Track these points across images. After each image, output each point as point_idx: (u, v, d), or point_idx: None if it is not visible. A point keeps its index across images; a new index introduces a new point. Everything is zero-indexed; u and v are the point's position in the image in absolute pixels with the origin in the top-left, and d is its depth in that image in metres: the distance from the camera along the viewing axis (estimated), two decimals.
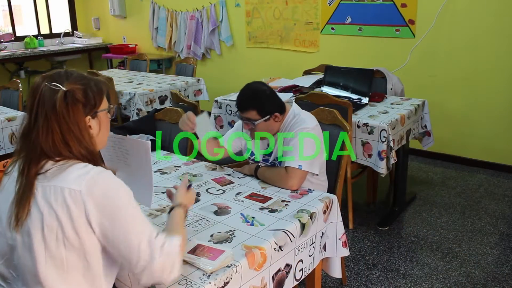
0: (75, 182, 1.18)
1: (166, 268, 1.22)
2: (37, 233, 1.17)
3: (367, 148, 2.95)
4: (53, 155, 1.23)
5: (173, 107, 2.73)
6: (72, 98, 1.24)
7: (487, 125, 4.09)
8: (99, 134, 1.34)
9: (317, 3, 4.89)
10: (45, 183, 1.19)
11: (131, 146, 1.57)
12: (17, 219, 1.18)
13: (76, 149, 1.24)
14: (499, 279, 2.58)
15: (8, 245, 1.25)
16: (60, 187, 1.18)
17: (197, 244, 1.48)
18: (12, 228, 1.20)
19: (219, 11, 5.74)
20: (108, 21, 7.20)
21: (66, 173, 1.20)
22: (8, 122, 3.28)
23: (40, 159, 1.22)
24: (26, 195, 1.19)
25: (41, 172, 1.21)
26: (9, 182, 1.27)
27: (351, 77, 3.43)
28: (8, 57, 6.22)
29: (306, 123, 2.08)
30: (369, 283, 2.58)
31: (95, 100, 1.30)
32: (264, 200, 1.86)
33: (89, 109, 1.29)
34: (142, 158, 1.53)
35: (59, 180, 1.19)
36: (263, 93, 2.09)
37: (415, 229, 3.15)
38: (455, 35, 4.09)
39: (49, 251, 1.18)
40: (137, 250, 1.20)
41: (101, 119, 1.33)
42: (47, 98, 1.23)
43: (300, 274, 1.74)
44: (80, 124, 1.26)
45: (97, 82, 1.33)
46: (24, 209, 1.18)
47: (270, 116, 2.07)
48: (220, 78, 5.95)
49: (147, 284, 1.26)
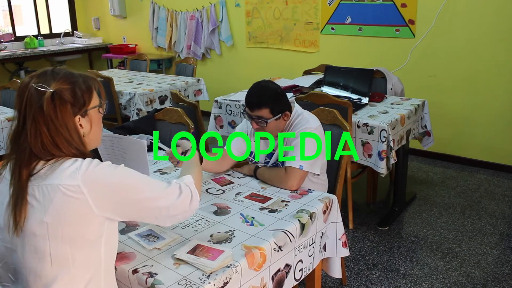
0: (70, 178, 1.18)
1: (185, 205, 1.33)
2: (41, 234, 1.17)
3: (367, 148, 2.95)
4: (43, 156, 1.22)
5: (173, 107, 2.73)
6: (59, 99, 1.22)
7: (487, 125, 4.09)
8: (91, 132, 1.32)
9: (317, 3, 4.89)
10: (40, 183, 1.18)
11: (128, 146, 1.59)
12: (16, 222, 1.17)
13: (66, 149, 1.23)
14: (499, 279, 2.58)
15: (7, 248, 1.24)
16: (56, 185, 1.17)
17: (197, 244, 1.48)
18: (12, 232, 1.19)
19: (219, 11, 5.74)
20: (108, 21, 7.20)
21: (59, 170, 1.19)
22: (8, 122, 3.28)
23: (31, 161, 1.21)
24: (21, 198, 1.18)
25: (33, 173, 1.20)
26: (2, 185, 1.26)
27: (351, 77, 3.43)
28: (8, 57, 6.22)
29: (309, 123, 2.08)
30: (369, 283, 2.57)
31: (83, 99, 1.27)
32: (264, 200, 1.85)
33: (78, 108, 1.26)
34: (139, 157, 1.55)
35: (54, 179, 1.18)
36: (275, 92, 2.08)
37: (415, 229, 3.15)
38: (455, 35, 4.09)
39: (54, 250, 1.18)
40: (156, 208, 1.29)
41: (91, 116, 1.31)
42: (34, 100, 1.20)
43: (300, 274, 1.74)
44: (69, 125, 1.24)
45: (86, 79, 1.30)
46: (21, 213, 1.17)
47: (281, 114, 2.07)
48: (220, 78, 5.95)
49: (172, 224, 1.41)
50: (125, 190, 1.24)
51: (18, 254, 1.21)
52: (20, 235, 1.19)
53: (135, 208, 1.27)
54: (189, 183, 1.37)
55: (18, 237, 1.19)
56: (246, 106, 2.09)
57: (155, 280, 1.33)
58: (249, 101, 2.07)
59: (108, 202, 1.21)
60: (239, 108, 3.43)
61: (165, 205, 1.29)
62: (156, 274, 1.36)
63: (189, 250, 1.45)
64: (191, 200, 1.35)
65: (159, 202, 1.29)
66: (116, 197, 1.22)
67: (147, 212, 1.29)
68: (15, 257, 1.22)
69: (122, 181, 1.25)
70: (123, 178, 1.25)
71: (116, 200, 1.22)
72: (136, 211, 1.28)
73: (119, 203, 1.23)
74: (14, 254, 1.22)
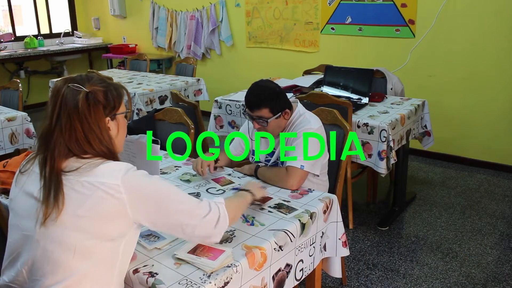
0: (111, 177, 1.24)
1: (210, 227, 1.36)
2: (71, 226, 1.22)
3: (367, 148, 2.95)
4: (78, 153, 1.28)
5: (173, 107, 2.73)
6: (93, 98, 1.30)
7: (487, 125, 4.09)
8: (118, 136, 1.40)
9: (317, 3, 4.89)
10: (79, 178, 1.24)
11: (137, 148, 1.64)
12: (47, 213, 1.21)
13: (98, 147, 1.30)
14: (499, 279, 2.58)
15: (25, 236, 1.27)
16: (95, 181, 1.23)
17: (197, 244, 1.48)
18: (40, 222, 1.23)
19: (219, 11, 5.74)
20: (108, 21, 7.20)
21: (99, 169, 1.26)
22: (8, 122, 3.28)
23: (66, 156, 1.27)
24: (56, 190, 1.22)
25: (70, 170, 1.25)
26: (29, 179, 1.31)
27: (351, 77, 3.43)
28: (8, 57, 6.22)
29: (310, 124, 2.08)
30: (369, 283, 2.58)
31: (114, 103, 1.36)
32: (264, 200, 1.85)
33: (109, 110, 1.34)
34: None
35: (94, 176, 1.24)
36: (274, 91, 2.09)
37: (415, 229, 3.15)
38: (455, 35, 4.09)
39: (80, 242, 1.22)
40: (185, 223, 1.32)
41: (119, 121, 1.39)
42: (69, 99, 1.28)
43: (300, 274, 1.74)
44: (101, 124, 1.32)
45: (117, 86, 1.39)
46: (57, 204, 1.21)
47: (281, 113, 2.08)
48: (220, 78, 5.95)
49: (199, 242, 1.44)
50: (161, 200, 1.30)
51: (41, 243, 1.24)
52: (47, 225, 1.22)
53: (165, 218, 1.32)
54: (219, 203, 1.40)
55: (45, 227, 1.23)
56: (246, 107, 2.10)
57: (156, 280, 1.33)
58: (248, 101, 2.09)
59: (143, 206, 1.27)
60: (239, 108, 3.43)
61: (192, 223, 1.33)
62: (157, 274, 1.36)
63: (190, 250, 1.45)
64: (218, 222, 1.37)
65: (187, 217, 1.33)
66: (152, 205, 1.28)
67: (176, 225, 1.33)
68: (35, 246, 1.25)
69: (160, 190, 1.31)
70: (161, 188, 1.32)
71: (151, 207, 1.28)
72: (166, 221, 1.32)
73: (153, 211, 1.29)
74: (35, 244, 1.25)
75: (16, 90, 3.87)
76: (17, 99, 3.83)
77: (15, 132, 3.31)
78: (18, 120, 3.32)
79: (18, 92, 3.84)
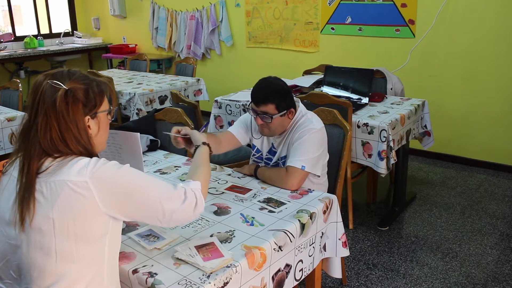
0: (78, 174, 1.20)
1: (189, 211, 1.34)
2: (47, 230, 1.18)
3: (367, 148, 2.95)
4: (51, 152, 1.24)
5: (173, 107, 2.73)
6: (72, 97, 1.25)
7: (487, 125, 4.09)
8: (98, 135, 1.34)
9: (317, 3, 4.89)
10: (48, 179, 1.20)
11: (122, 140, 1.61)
12: (22, 218, 1.19)
13: (75, 147, 1.26)
14: (499, 279, 2.58)
15: (10, 245, 1.25)
16: (64, 180, 1.19)
17: (198, 245, 1.48)
18: (18, 228, 1.20)
19: (219, 11, 5.74)
20: (108, 21, 7.19)
21: (67, 167, 1.21)
22: (8, 122, 3.28)
23: (40, 157, 1.23)
24: (28, 194, 1.19)
25: (42, 170, 1.21)
26: (9, 182, 1.28)
27: (351, 77, 3.43)
28: (8, 57, 6.22)
29: (312, 124, 2.07)
30: (369, 283, 2.57)
31: (95, 101, 1.30)
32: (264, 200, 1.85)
33: (89, 109, 1.29)
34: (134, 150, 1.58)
35: (62, 175, 1.20)
36: (282, 88, 2.07)
37: (415, 229, 3.15)
38: (455, 35, 4.09)
39: (60, 246, 1.19)
40: (160, 210, 1.28)
41: (100, 120, 1.34)
42: (48, 96, 1.24)
43: (300, 274, 1.74)
44: (79, 123, 1.27)
45: (99, 83, 1.34)
46: (28, 208, 1.18)
47: (286, 111, 2.06)
48: (220, 78, 5.95)
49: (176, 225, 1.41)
50: (132, 190, 1.26)
51: (23, 250, 1.22)
52: (26, 231, 1.20)
53: (139, 208, 1.28)
54: (195, 189, 1.37)
55: (24, 232, 1.20)
56: (252, 101, 2.07)
57: (155, 280, 1.33)
58: (255, 96, 2.06)
59: (114, 200, 1.23)
60: (239, 108, 3.43)
61: (169, 209, 1.30)
62: (156, 274, 1.36)
63: (190, 249, 1.45)
64: (196, 206, 1.35)
65: (163, 205, 1.29)
66: (122, 196, 1.24)
67: (151, 214, 1.29)
68: (19, 253, 1.23)
69: (129, 181, 1.27)
70: (130, 178, 1.27)
71: (122, 199, 1.24)
72: (140, 211, 1.28)
73: (125, 202, 1.25)
74: (19, 251, 1.23)
75: (16, 90, 3.88)
76: (17, 99, 3.83)
77: (15, 132, 3.30)
78: (18, 120, 3.32)
79: (18, 92, 3.84)
